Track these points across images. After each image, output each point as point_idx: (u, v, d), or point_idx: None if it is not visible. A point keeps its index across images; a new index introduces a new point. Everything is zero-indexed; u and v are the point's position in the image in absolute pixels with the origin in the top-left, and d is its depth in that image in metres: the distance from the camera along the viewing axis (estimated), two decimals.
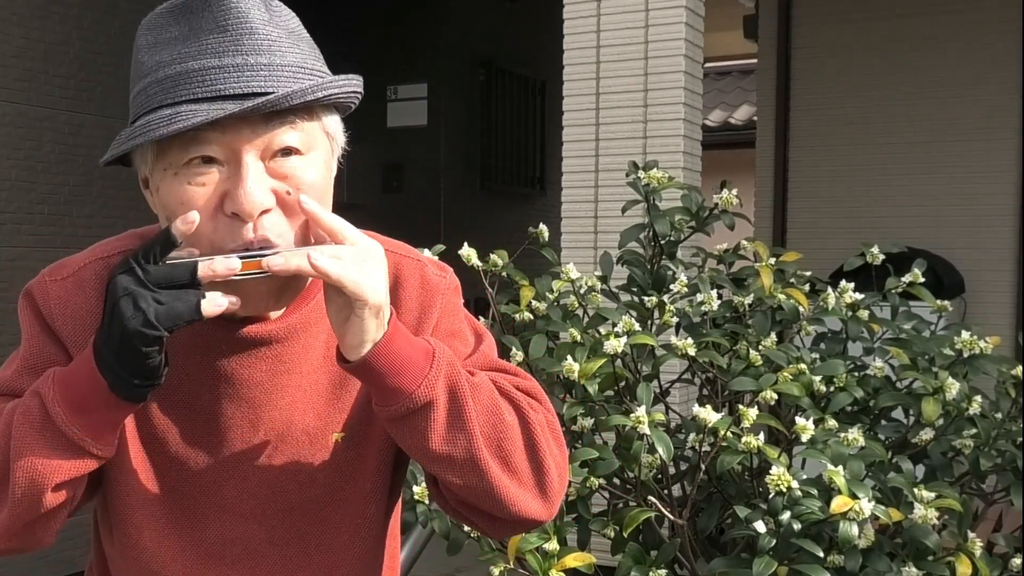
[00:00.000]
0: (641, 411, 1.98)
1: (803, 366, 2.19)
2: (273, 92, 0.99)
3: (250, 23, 1.01)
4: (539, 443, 1.08)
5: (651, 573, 2.01)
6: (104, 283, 1.08)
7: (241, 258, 0.98)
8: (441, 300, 1.17)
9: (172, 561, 1.13)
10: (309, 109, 1.04)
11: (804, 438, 1.94)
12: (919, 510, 1.96)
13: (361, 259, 0.98)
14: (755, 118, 5.89)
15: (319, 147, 1.06)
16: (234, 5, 1.01)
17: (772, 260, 2.46)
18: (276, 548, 1.15)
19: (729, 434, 1.97)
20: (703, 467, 2.07)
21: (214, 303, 0.96)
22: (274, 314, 1.11)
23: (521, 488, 1.08)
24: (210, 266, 0.96)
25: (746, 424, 1.93)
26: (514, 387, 1.12)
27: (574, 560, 2.00)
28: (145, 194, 1.10)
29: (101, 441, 1.01)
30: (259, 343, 1.11)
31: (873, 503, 1.84)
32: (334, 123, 1.09)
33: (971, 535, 2.05)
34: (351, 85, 1.07)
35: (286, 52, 1.03)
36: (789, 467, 1.97)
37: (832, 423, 2.13)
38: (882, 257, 2.59)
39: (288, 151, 1.03)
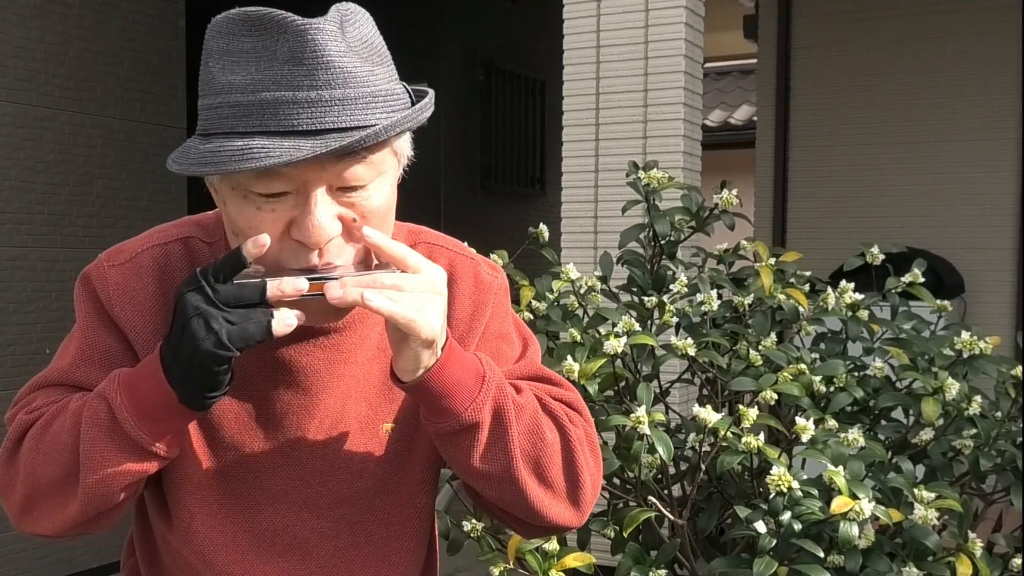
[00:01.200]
0: (641, 411, 1.98)
1: (803, 366, 2.19)
2: (346, 127, 0.99)
3: (326, 57, 0.99)
4: (577, 459, 1.12)
5: (651, 573, 2.01)
6: (162, 269, 1.12)
7: (308, 279, 0.99)
8: (493, 300, 1.20)
9: (223, 547, 1.15)
10: (382, 141, 1.04)
11: (804, 438, 1.94)
12: (919, 510, 1.96)
13: (419, 290, 0.99)
14: (755, 118, 5.89)
15: (386, 171, 1.07)
16: (312, 37, 0.99)
17: (772, 260, 2.46)
18: (326, 539, 1.16)
19: (729, 434, 1.97)
20: (703, 467, 2.07)
21: (284, 323, 0.98)
22: None
23: (555, 500, 1.12)
24: (279, 287, 0.98)
25: (746, 424, 1.93)
26: (558, 400, 1.15)
27: (574, 560, 2.00)
28: (209, 187, 1.09)
29: (169, 445, 1.04)
30: (318, 332, 1.13)
31: (873, 503, 1.84)
32: (404, 142, 1.10)
33: (971, 535, 2.05)
34: (423, 112, 1.06)
35: (361, 82, 1.01)
36: (789, 467, 1.97)
37: (832, 423, 2.13)
38: (882, 257, 2.59)
39: (357, 184, 1.03)
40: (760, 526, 1.88)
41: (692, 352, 2.24)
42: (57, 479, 1.05)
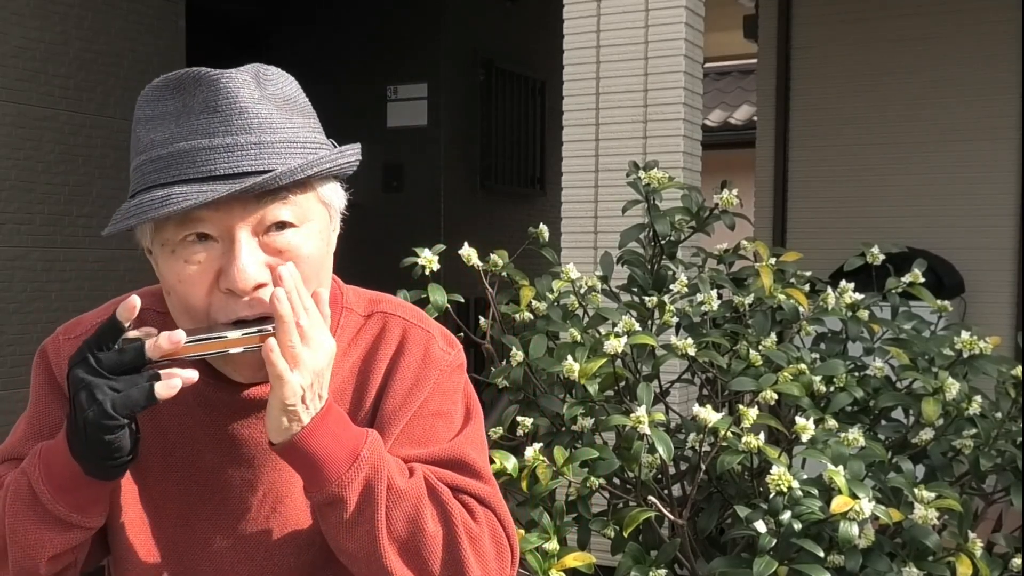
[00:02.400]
0: (641, 411, 1.98)
1: (803, 366, 2.19)
2: (263, 170, 1.01)
3: (240, 102, 1.02)
4: (463, 555, 1.08)
5: (651, 573, 2.01)
6: None
7: (192, 339, 1.00)
8: (437, 377, 1.17)
9: None
10: (302, 183, 1.05)
11: (804, 438, 1.94)
12: (919, 510, 1.96)
13: (309, 353, 1.00)
14: (755, 118, 5.89)
15: (314, 218, 1.07)
16: (224, 85, 1.02)
17: (772, 260, 2.46)
18: None
19: (729, 434, 1.97)
20: (703, 467, 2.07)
21: (168, 386, 0.98)
22: None
23: None
24: (156, 343, 0.98)
25: (746, 424, 1.93)
26: (468, 492, 1.12)
27: (574, 560, 2.00)
28: (149, 259, 1.11)
29: (87, 514, 1.05)
30: (260, 405, 1.12)
31: (873, 503, 1.84)
32: (331, 191, 1.10)
33: (971, 535, 2.05)
34: (344, 157, 1.08)
35: (277, 128, 1.03)
36: (789, 467, 1.97)
37: (832, 423, 2.13)
38: (882, 257, 2.59)
39: (282, 225, 1.04)
40: (760, 526, 1.88)
41: (692, 352, 2.24)
42: None
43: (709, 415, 1.95)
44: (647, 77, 3.42)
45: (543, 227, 2.55)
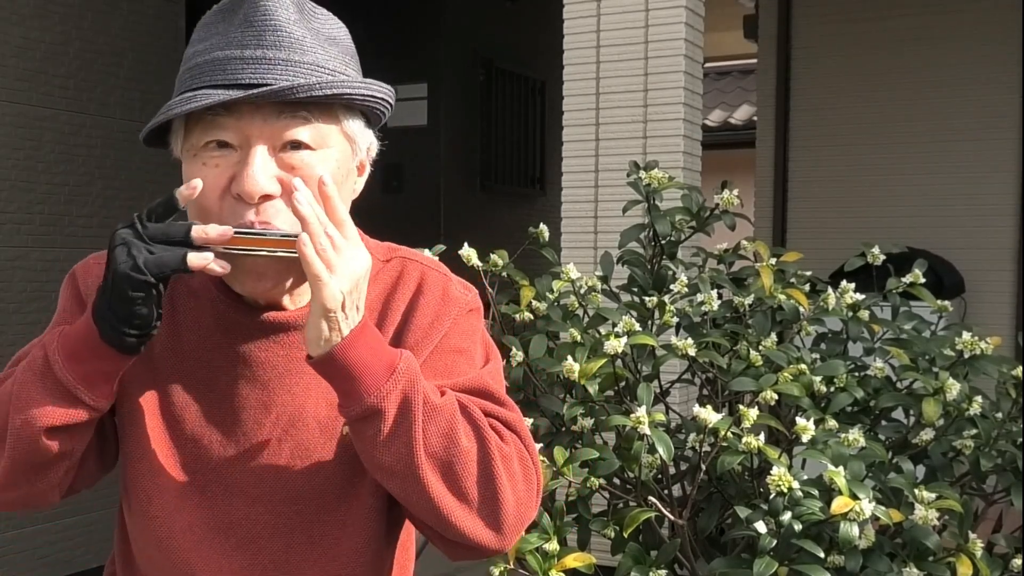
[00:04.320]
0: (641, 411, 1.98)
1: (803, 366, 2.19)
2: (286, 85, 1.05)
3: (275, 20, 1.08)
4: (496, 473, 1.08)
5: (651, 573, 2.01)
6: None
7: (240, 232, 1.03)
8: (456, 314, 1.19)
9: (180, 535, 1.16)
10: (327, 109, 1.09)
11: (804, 438, 1.94)
12: (919, 511, 1.96)
13: (343, 261, 1.02)
14: (755, 118, 5.89)
15: (333, 146, 1.10)
16: (265, 4, 1.08)
17: (772, 260, 2.46)
18: (279, 535, 1.17)
19: (729, 434, 1.97)
20: (703, 467, 2.07)
21: (201, 256, 1.01)
22: (292, 306, 1.16)
23: (469, 514, 1.08)
24: (204, 229, 1.02)
25: (746, 424, 1.93)
26: (495, 416, 1.13)
27: (574, 560, 1.99)
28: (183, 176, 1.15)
29: (94, 391, 1.06)
30: (277, 328, 1.15)
31: (873, 504, 1.84)
32: (358, 127, 1.14)
33: (971, 535, 2.05)
34: (368, 88, 1.11)
35: (307, 50, 1.08)
36: (789, 467, 1.97)
37: (832, 423, 2.13)
38: (882, 257, 2.59)
39: (298, 144, 1.08)
40: (760, 526, 1.88)
41: (692, 352, 2.24)
42: None
43: (709, 415, 1.95)
44: (647, 77, 3.42)
45: (543, 227, 2.55)
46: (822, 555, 1.85)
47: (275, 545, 1.17)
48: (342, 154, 1.11)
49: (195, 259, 1.01)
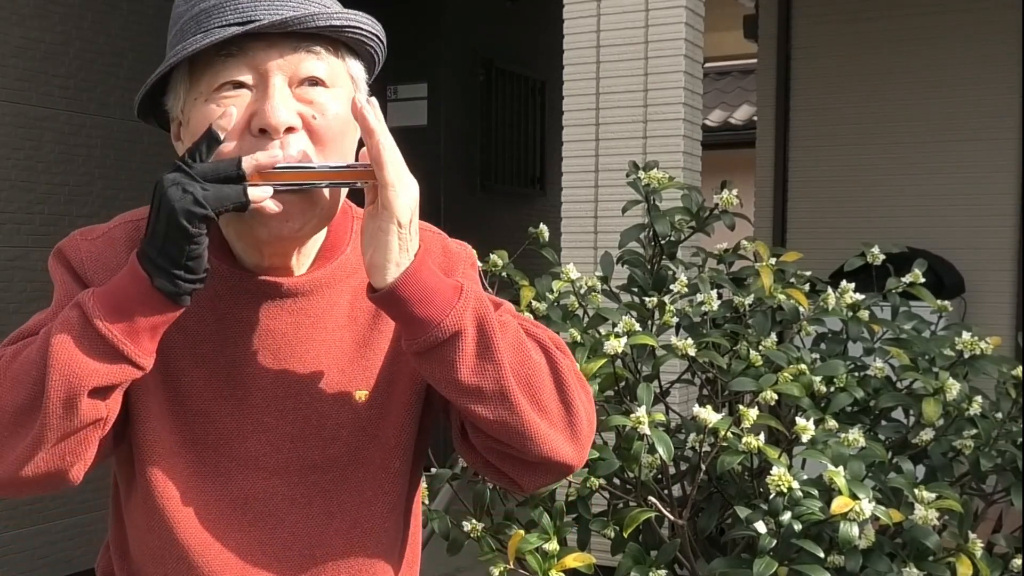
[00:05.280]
0: (641, 411, 1.98)
1: (803, 366, 2.19)
2: (303, 15, 1.04)
3: None
4: (567, 383, 1.09)
5: (651, 573, 2.01)
6: (134, 242, 1.11)
7: (285, 165, 1.02)
8: (463, 267, 1.21)
9: (194, 516, 1.12)
10: (334, 45, 1.10)
11: (804, 438, 1.94)
12: (919, 511, 1.96)
13: (406, 174, 1.02)
14: (755, 118, 5.89)
15: (342, 85, 1.10)
16: None
17: (772, 260, 2.46)
18: (297, 506, 1.15)
19: (729, 434, 1.97)
20: (703, 467, 2.07)
21: (262, 190, 1.00)
22: (298, 270, 1.14)
23: (552, 428, 1.08)
24: (254, 156, 1.00)
25: (746, 424, 1.93)
26: (542, 335, 1.13)
27: (574, 560, 1.99)
28: (177, 147, 1.12)
29: (139, 346, 1.00)
30: (283, 294, 1.13)
31: (873, 504, 1.84)
32: (358, 68, 1.14)
33: (971, 535, 2.05)
34: (374, 27, 1.12)
35: None
36: (789, 467, 1.97)
37: (832, 423, 2.13)
38: (882, 257, 2.59)
39: (314, 81, 1.07)
40: (760, 526, 1.88)
41: (692, 352, 2.24)
42: (21, 403, 0.99)
43: (709, 415, 1.95)
44: (647, 77, 3.42)
45: (543, 227, 2.55)
46: (822, 555, 1.85)
47: (294, 518, 1.14)
48: (350, 94, 1.10)
49: (256, 193, 0.99)
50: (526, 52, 6.78)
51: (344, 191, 1.12)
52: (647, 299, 2.39)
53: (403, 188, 1.01)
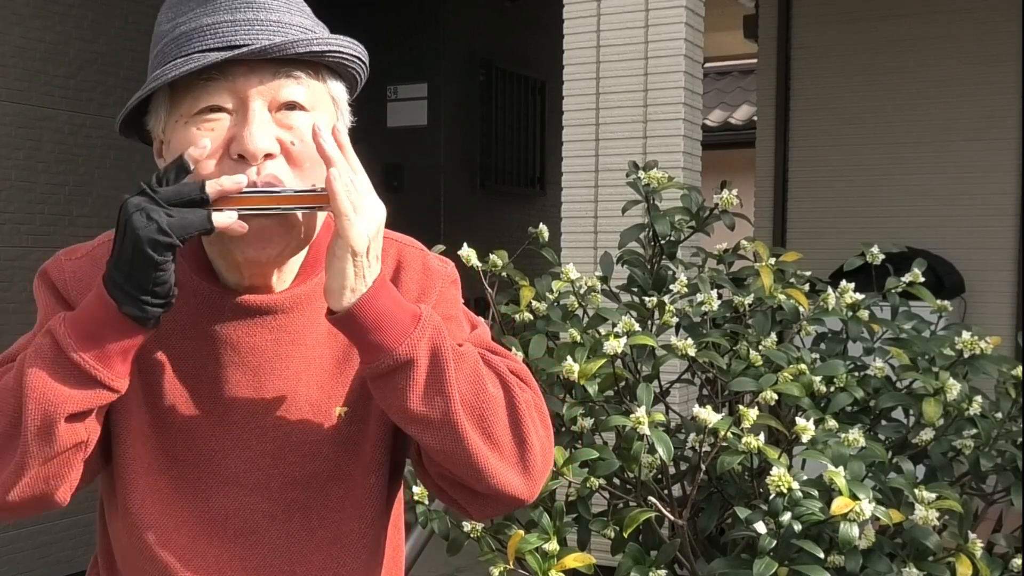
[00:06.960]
0: (641, 411, 1.98)
1: (803, 366, 2.19)
2: (281, 42, 1.05)
3: None
4: (523, 418, 1.09)
5: (651, 573, 2.01)
6: None
7: (250, 190, 1.02)
8: (440, 286, 1.20)
9: (174, 532, 1.13)
10: (315, 68, 1.10)
11: (804, 438, 1.94)
12: (919, 511, 1.96)
13: (367, 204, 1.02)
14: (755, 118, 5.89)
15: (323, 108, 1.11)
16: None
17: (772, 260, 2.46)
18: (277, 522, 1.15)
19: (729, 434, 1.97)
20: (703, 467, 2.06)
21: (227, 215, 1.00)
22: (278, 287, 1.15)
23: (502, 461, 1.08)
24: (218, 181, 1.00)
25: (746, 424, 1.93)
26: (504, 367, 1.13)
27: (574, 560, 1.99)
28: (159, 164, 1.12)
29: (112, 370, 1.01)
30: (263, 311, 1.13)
31: (873, 504, 1.84)
32: (339, 89, 1.15)
33: (971, 535, 2.05)
34: (354, 49, 1.12)
35: (295, 12, 1.10)
36: (789, 467, 1.96)
37: (832, 423, 2.13)
38: (882, 257, 2.59)
39: (293, 105, 1.08)
40: (760, 526, 1.88)
41: (692, 352, 2.24)
42: (1, 431, 1.02)
43: (709, 415, 1.95)
44: (647, 77, 3.42)
45: (543, 227, 2.55)
46: (822, 555, 1.85)
47: (274, 533, 1.15)
48: (330, 117, 1.11)
49: (220, 218, 0.99)
50: (526, 52, 6.78)
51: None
52: (647, 299, 2.39)
53: (358, 218, 1.01)
